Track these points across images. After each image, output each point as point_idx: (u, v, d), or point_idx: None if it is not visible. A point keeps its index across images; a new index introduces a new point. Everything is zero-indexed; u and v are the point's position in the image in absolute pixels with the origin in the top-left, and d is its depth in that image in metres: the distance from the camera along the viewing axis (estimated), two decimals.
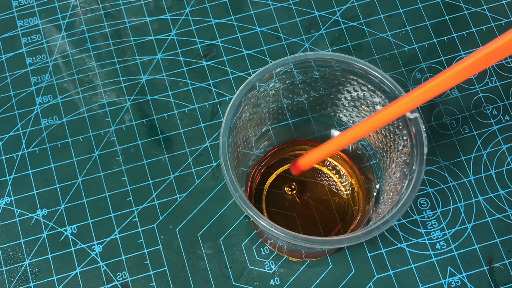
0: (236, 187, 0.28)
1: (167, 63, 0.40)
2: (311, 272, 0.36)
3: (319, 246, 0.28)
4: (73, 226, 0.37)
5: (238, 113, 0.30)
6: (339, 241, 0.28)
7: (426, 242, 0.37)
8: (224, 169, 0.29)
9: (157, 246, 0.37)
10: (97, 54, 0.40)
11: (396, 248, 0.37)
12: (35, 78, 0.40)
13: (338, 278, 0.36)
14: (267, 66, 0.30)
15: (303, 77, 0.32)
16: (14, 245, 0.37)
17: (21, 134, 0.39)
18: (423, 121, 0.28)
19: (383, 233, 0.37)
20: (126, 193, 0.38)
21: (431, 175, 0.38)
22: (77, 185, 0.38)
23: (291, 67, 0.30)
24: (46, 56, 0.40)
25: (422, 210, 0.38)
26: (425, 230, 0.37)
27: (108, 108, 0.39)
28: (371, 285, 0.36)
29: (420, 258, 0.37)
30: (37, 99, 0.39)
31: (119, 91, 0.40)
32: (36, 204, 0.37)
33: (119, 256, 0.37)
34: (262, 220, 0.28)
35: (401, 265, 0.36)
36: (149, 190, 0.38)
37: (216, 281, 0.36)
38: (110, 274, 0.36)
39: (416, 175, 0.29)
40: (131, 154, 0.38)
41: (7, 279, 0.36)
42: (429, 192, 0.38)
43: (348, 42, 0.41)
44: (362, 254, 0.37)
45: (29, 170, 0.38)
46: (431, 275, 0.36)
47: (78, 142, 0.39)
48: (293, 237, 0.27)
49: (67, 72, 0.40)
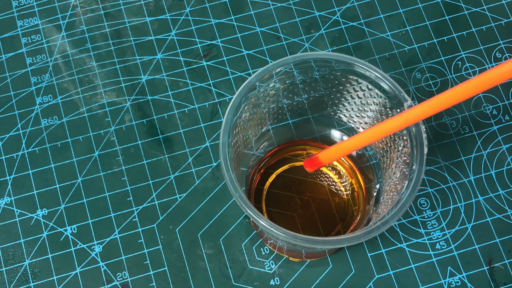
0: (236, 187, 0.28)
1: (167, 63, 0.40)
2: (311, 272, 0.36)
3: (319, 246, 0.28)
4: (73, 226, 0.37)
5: (238, 113, 0.30)
6: (339, 241, 0.28)
7: (426, 242, 0.37)
8: (224, 169, 0.29)
9: (157, 246, 0.37)
10: (97, 54, 0.40)
11: (396, 248, 0.37)
12: (35, 78, 0.40)
13: (338, 278, 0.36)
14: (267, 66, 0.30)
15: (303, 77, 0.32)
16: (14, 245, 0.37)
17: (21, 134, 0.39)
18: (423, 121, 0.28)
19: (383, 233, 0.37)
20: (126, 193, 0.38)
21: (431, 175, 0.38)
22: (77, 185, 0.38)
23: (291, 67, 0.30)
24: (46, 56, 0.40)
25: (422, 210, 0.37)
26: (425, 230, 0.37)
27: (108, 108, 0.39)
28: (371, 285, 0.36)
29: (420, 258, 0.37)
30: (37, 99, 0.39)
31: (119, 91, 0.40)
32: (36, 204, 0.37)
33: (119, 256, 0.37)
34: (262, 220, 0.28)
35: (401, 265, 0.36)
36: (149, 190, 0.38)
37: (216, 281, 0.36)
38: (110, 274, 0.36)
39: (416, 175, 0.29)
40: (131, 154, 0.38)
41: (7, 279, 0.36)
42: (429, 192, 0.38)
43: (348, 42, 0.41)
44: (362, 254, 0.37)
45: (29, 170, 0.38)
46: (431, 275, 0.36)
47: (78, 142, 0.39)
48: (293, 237, 0.27)
49: (67, 72, 0.40)
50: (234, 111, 0.30)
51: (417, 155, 0.29)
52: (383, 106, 0.31)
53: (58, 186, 0.38)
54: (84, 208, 0.37)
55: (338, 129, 0.35)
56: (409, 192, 0.28)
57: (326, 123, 0.35)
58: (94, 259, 0.36)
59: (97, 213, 0.37)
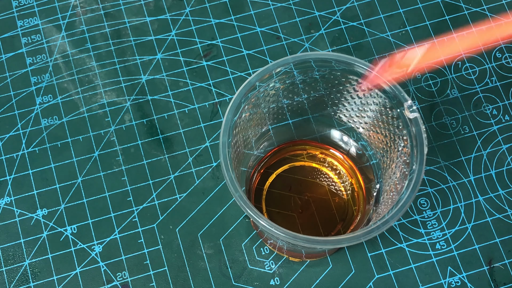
0: (236, 187, 0.28)
1: (167, 63, 0.40)
2: (311, 272, 0.36)
3: (319, 246, 0.28)
4: (73, 226, 0.37)
5: (238, 113, 0.30)
6: (339, 241, 0.28)
7: (426, 242, 0.37)
8: (224, 169, 0.29)
9: (157, 246, 0.37)
10: (97, 54, 0.40)
11: (396, 248, 0.37)
12: (35, 78, 0.40)
13: (338, 278, 0.36)
14: (267, 66, 0.30)
15: (303, 77, 0.32)
16: (14, 245, 0.37)
17: (21, 134, 0.39)
18: (423, 121, 0.28)
19: (383, 233, 0.37)
20: (126, 193, 0.38)
21: (431, 175, 0.38)
22: (77, 185, 0.38)
23: (291, 67, 0.30)
24: (46, 56, 0.40)
25: (422, 210, 0.37)
26: (425, 230, 0.37)
27: (108, 108, 0.39)
28: (371, 285, 0.36)
29: (420, 258, 0.37)
30: (37, 99, 0.39)
31: (119, 91, 0.40)
32: (36, 204, 0.37)
33: (119, 256, 0.37)
34: (262, 220, 0.28)
35: (401, 265, 0.36)
36: (149, 190, 0.38)
37: (216, 281, 0.36)
38: (110, 274, 0.36)
39: (416, 175, 0.29)
40: (131, 154, 0.38)
41: (7, 279, 0.36)
42: (429, 192, 0.38)
43: (348, 42, 0.41)
44: (362, 254, 0.37)
45: (29, 170, 0.38)
46: (431, 275, 0.36)
47: (78, 142, 0.39)
48: (293, 237, 0.27)
49: (67, 72, 0.40)
50: (234, 111, 0.30)
51: (417, 155, 0.29)
52: (383, 106, 0.31)
53: (58, 186, 0.38)
54: (84, 208, 0.37)
55: (338, 129, 0.35)
56: (409, 192, 0.28)
57: (326, 123, 0.35)
58: (94, 259, 0.36)
59: (97, 213, 0.37)
